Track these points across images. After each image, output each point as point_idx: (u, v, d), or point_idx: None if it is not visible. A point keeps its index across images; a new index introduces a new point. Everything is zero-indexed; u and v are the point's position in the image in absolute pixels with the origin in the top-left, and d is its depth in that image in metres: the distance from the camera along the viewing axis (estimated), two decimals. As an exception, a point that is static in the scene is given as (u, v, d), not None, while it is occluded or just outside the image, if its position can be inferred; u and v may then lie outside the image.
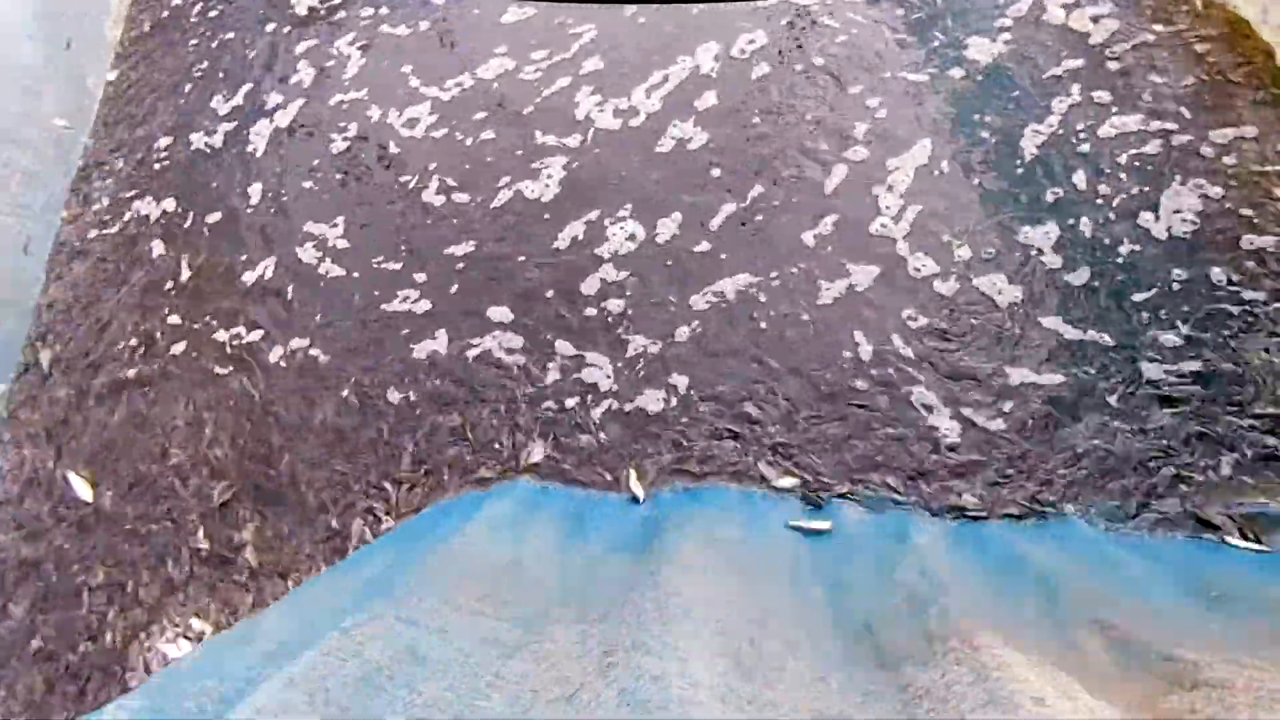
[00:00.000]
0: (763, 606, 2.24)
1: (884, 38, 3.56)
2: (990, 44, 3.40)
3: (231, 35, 4.52)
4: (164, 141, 4.24)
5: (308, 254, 3.65)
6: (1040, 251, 2.92)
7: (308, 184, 3.85)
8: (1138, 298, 2.79)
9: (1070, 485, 2.58)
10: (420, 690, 1.76)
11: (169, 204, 4.02)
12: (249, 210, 3.87)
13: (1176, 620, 2.06)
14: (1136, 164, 2.99)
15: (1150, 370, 2.66)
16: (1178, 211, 2.86)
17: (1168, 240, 2.84)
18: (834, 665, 1.87)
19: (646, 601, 2.05)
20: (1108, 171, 3.01)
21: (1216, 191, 2.90)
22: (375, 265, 3.51)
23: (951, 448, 2.69)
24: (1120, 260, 2.86)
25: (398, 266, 3.49)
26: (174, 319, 3.65)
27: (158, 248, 3.88)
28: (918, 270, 2.99)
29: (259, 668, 1.94)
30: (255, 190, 3.93)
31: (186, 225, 3.92)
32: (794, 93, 3.52)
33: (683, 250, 3.26)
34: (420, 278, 3.45)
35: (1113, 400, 2.66)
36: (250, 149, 4.08)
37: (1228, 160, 2.92)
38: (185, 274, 3.76)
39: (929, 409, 2.76)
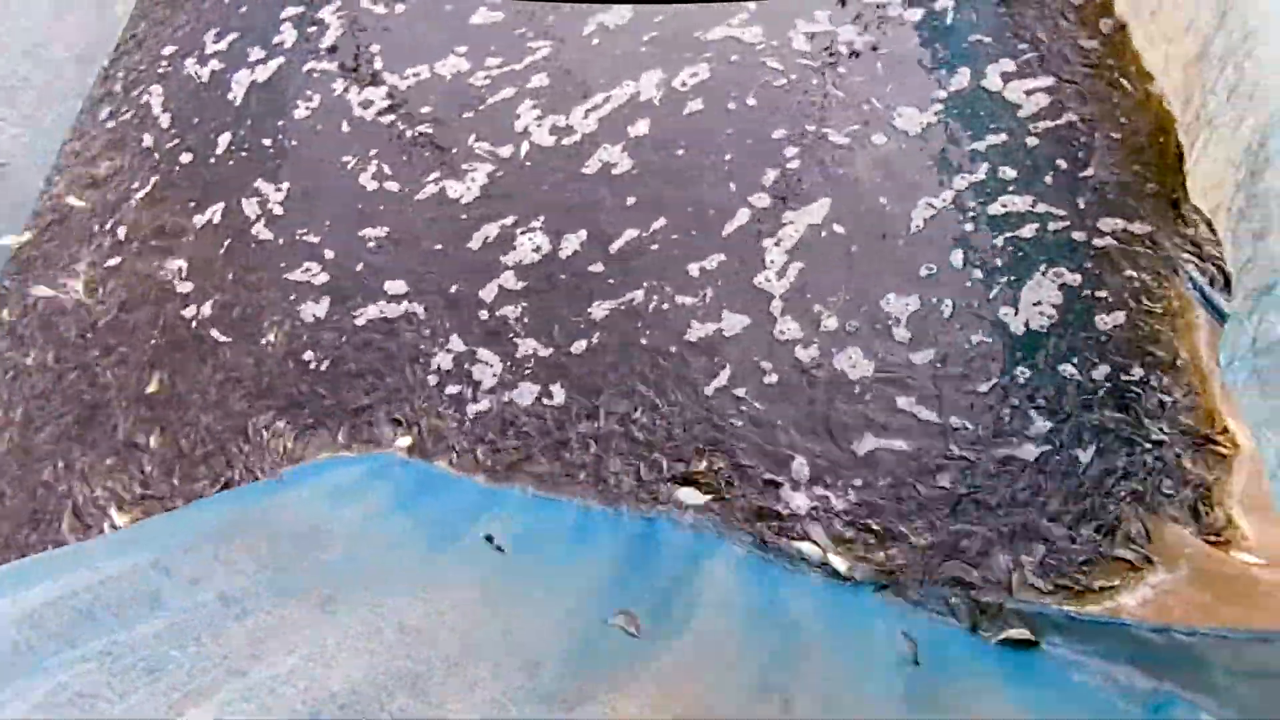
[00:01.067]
0: (534, 627, 2.29)
1: (821, 91, 3.51)
2: (919, 114, 3.34)
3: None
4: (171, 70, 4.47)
5: (251, 208, 3.78)
6: (896, 322, 2.89)
7: (266, 141, 3.96)
8: (982, 387, 2.74)
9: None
10: (134, 629, 1.86)
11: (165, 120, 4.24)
12: (214, 156, 4.05)
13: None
14: (1010, 248, 2.92)
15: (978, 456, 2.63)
16: (1037, 304, 2.80)
17: (1023, 333, 2.78)
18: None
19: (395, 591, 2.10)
20: (982, 254, 2.95)
21: (1075, 278, 2.84)
22: (296, 235, 3.61)
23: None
24: (968, 346, 2.81)
25: (315, 240, 3.59)
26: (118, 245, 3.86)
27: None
28: (782, 333, 2.97)
29: (33, 592, 2.06)
30: (224, 139, 4.05)
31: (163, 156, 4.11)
32: (719, 131, 3.51)
33: (581, 269, 3.29)
34: (329, 254, 3.54)
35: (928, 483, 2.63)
36: (230, 96, 4.23)
37: (1101, 251, 2.86)
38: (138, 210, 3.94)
39: (777, 462, 2.76)
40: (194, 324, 3.57)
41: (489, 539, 2.60)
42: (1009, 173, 3.12)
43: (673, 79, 3.70)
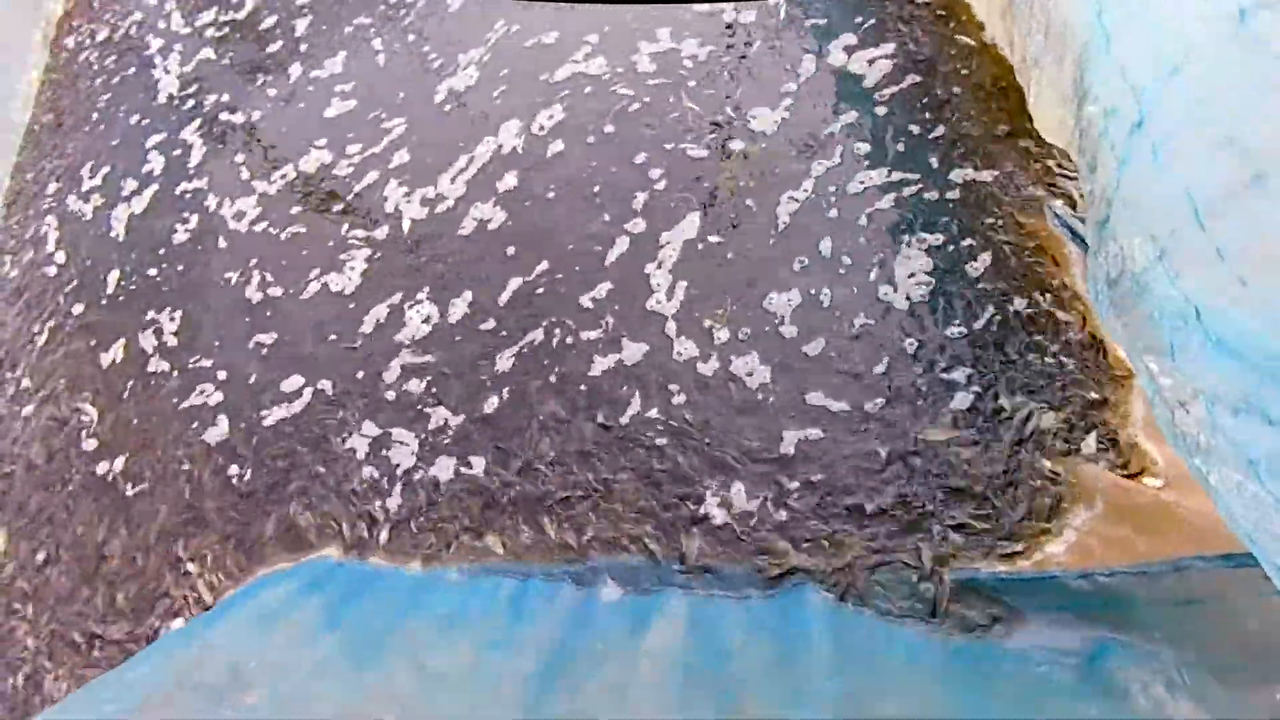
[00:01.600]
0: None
1: (675, 108, 3.48)
2: (771, 112, 3.31)
3: (109, 122, 4.63)
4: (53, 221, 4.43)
5: (148, 341, 3.70)
6: (781, 321, 2.84)
7: (152, 271, 3.89)
8: (878, 367, 2.70)
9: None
10: None
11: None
12: (105, 296, 4.00)
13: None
14: (874, 224, 2.89)
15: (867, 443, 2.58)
16: (911, 275, 2.77)
17: (905, 303, 2.74)
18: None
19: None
20: (849, 236, 2.91)
21: (938, 238, 2.80)
22: (191, 364, 3.54)
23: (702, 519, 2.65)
24: (854, 329, 2.78)
25: (208, 364, 3.52)
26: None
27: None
28: (680, 353, 2.92)
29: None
30: (113, 277, 3.98)
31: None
32: (584, 165, 3.47)
33: (473, 328, 3.23)
34: (222, 375, 3.47)
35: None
36: (113, 233, 4.17)
37: (959, 203, 2.82)
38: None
39: (688, 480, 2.71)
40: (108, 476, 3.47)
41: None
42: (863, 148, 3.10)
43: (530, 125, 3.65)
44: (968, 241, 2.76)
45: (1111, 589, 2.20)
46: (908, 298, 2.75)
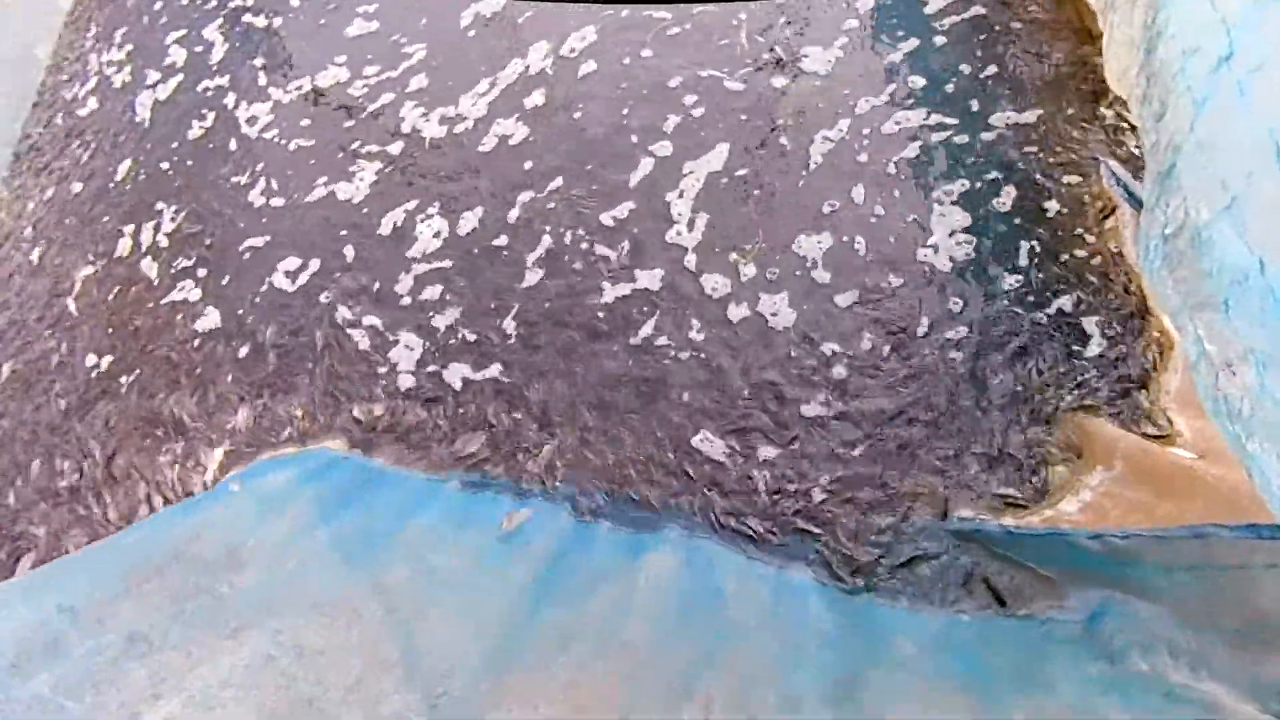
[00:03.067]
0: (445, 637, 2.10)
1: (721, 36, 3.22)
2: (823, 51, 3.06)
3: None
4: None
5: (145, 236, 3.51)
6: (814, 265, 2.65)
7: (165, 165, 3.68)
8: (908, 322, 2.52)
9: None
10: (30, 681, 1.73)
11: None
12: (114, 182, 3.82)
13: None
14: (916, 166, 2.68)
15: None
16: (951, 235, 2.56)
17: (948, 266, 2.54)
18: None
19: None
20: (886, 180, 2.70)
21: (990, 186, 2.60)
22: (176, 267, 3.34)
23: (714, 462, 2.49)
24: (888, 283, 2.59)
25: (188, 263, 3.33)
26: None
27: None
28: (710, 289, 2.73)
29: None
30: (124, 166, 3.80)
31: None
32: (615, 85, 3.23)
33: (483, 243, 3.04)
34: (201, 272, 3.31)
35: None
36: (138, 118, 3.97)
37: (1020, 153, 2.61)
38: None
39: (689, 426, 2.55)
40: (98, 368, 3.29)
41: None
42: (918, 82, 2.85)
43: (560, 48, 3.39)
44: (1022, 194, 2.56)
45: (1123, 550, 2.07)
46: (950, 258, 2.55)
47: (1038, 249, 2.45)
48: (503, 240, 3.06)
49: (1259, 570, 1.88)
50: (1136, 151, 2.42)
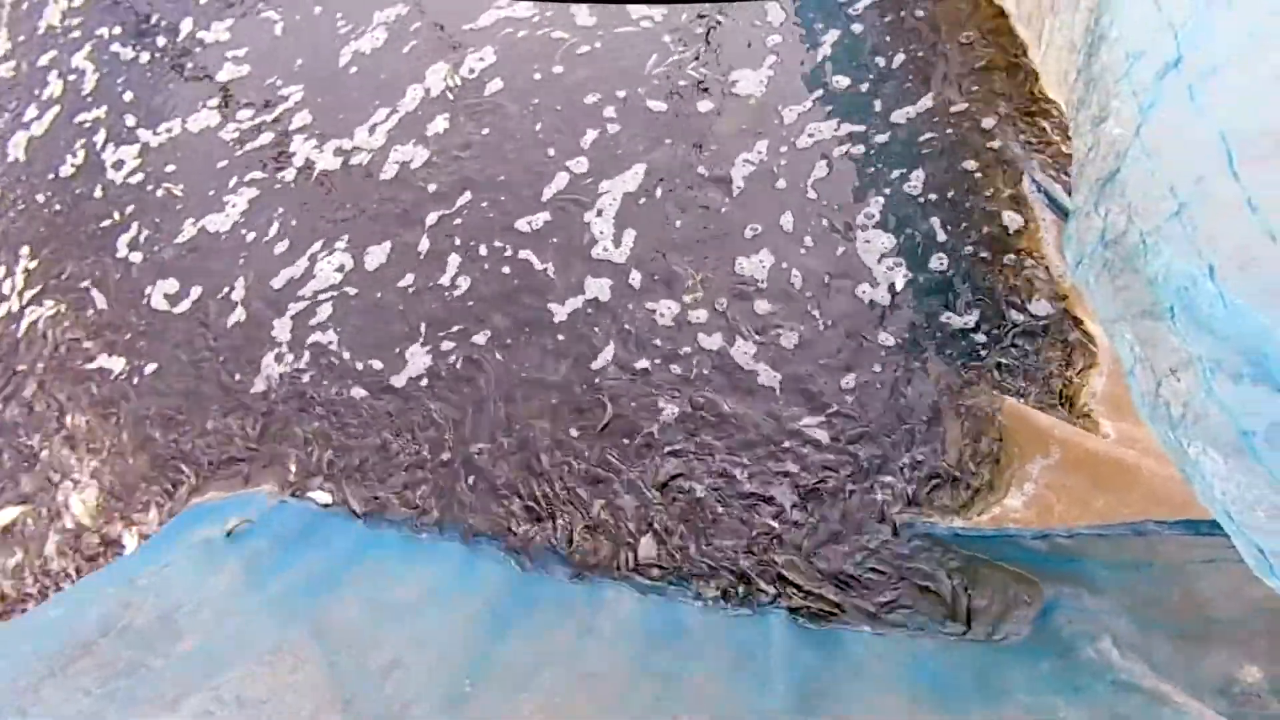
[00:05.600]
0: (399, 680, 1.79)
1: (645, 54, 2.88)
2: (753, 73, 2.76)
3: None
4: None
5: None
6: (754, 284, 2.38)
7: (39, 198, 3.08)
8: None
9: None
10: None
11: None
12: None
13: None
14: (829, 193, 2.43)
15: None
16: (884, 260, 2.33)
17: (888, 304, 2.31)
18: None
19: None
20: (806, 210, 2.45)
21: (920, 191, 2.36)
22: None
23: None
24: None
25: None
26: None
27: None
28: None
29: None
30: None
31: None
32: (526, 101, 2.86)
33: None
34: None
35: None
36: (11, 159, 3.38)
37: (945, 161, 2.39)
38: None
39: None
40: None
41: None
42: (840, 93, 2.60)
43: (459, 67, 3.00)
44: (943, 200, 2.36)
45: (1068, 548, 1.93)
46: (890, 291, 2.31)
47: (959, 258, 2.26)
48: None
49: (1198, 565, 1.77)
50: (1060, 158, 2.25)
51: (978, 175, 2.33)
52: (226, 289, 2.75)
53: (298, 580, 2.15)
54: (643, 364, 2.29)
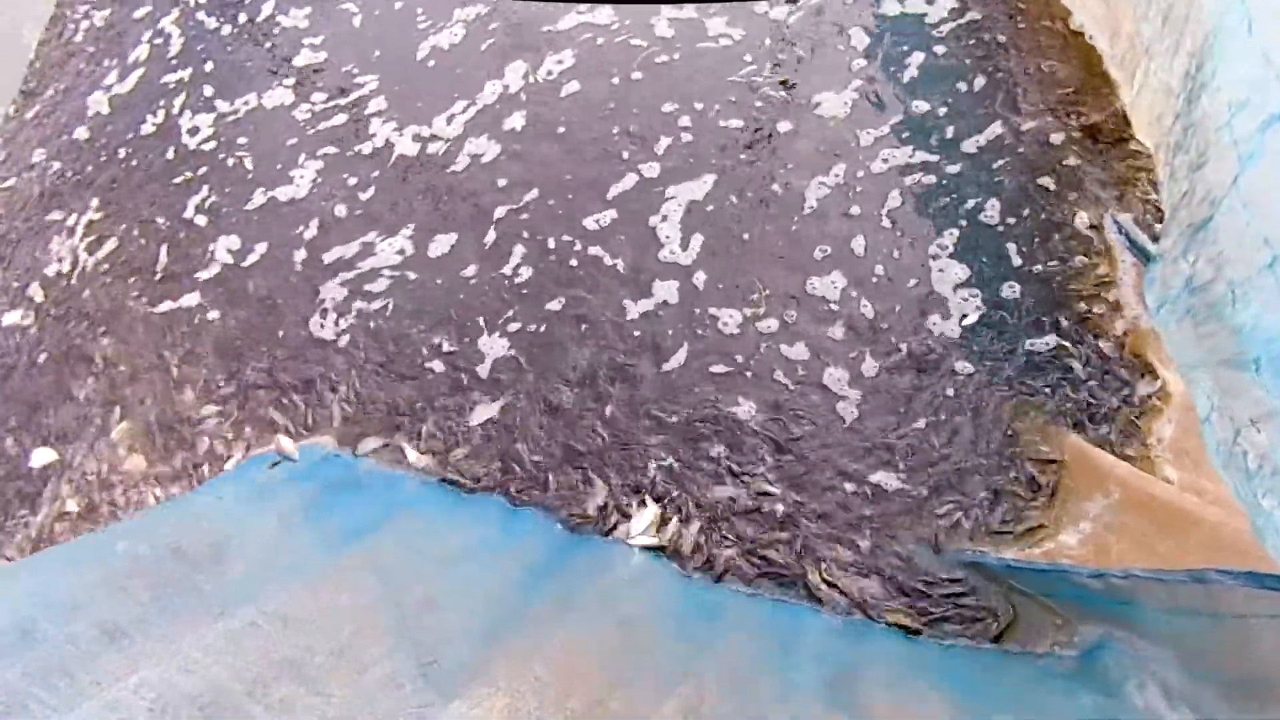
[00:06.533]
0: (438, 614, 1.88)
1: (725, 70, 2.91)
2: (836, 96, 2.77)
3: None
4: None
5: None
6: (831, 304, 2.39)
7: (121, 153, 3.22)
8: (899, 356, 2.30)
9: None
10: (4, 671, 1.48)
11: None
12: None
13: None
14: (906, 219, 2.44)
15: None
16: (958, 288, 2.33)
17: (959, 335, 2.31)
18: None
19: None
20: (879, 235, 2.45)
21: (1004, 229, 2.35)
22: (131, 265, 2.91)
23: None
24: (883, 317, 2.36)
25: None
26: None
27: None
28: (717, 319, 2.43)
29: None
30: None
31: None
32: (602, 105, 2.91)
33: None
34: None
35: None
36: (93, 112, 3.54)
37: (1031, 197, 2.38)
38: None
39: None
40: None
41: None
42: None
43: (538, 69, 3.05)
44: (1024, 240, 2.34)
45: (1123, 589, 1.91)
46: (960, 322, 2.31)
47: (1032, 293, 2.25)
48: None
49: (1260, 620, 1.74)
50: (1148, 199, 2.24)
51: (1057, 212, 2.32)
52: (290, 251, 2.83)
53: (345, 524, 2.21)
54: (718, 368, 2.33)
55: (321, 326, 2.68)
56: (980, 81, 2.59)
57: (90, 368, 2.79)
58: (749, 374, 2.30)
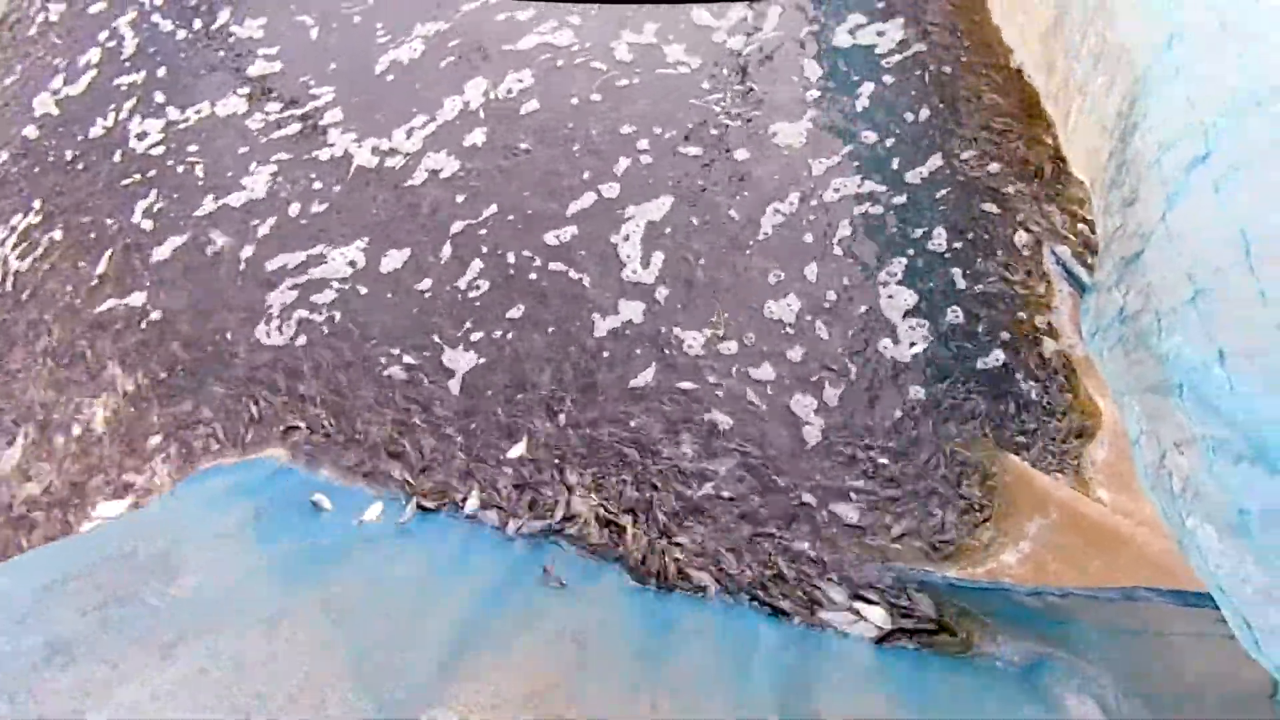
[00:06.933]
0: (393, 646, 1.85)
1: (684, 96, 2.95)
2: (791, 126, 2.82)
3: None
4: None
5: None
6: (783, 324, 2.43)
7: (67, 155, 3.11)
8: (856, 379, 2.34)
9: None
10: None
11: None
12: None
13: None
14: (852, 253, 2.50)
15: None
16: (907, 315, 2.39)
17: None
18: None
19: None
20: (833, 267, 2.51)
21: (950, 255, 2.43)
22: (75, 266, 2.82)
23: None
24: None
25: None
26: None
27: None
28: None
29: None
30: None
31: None
32: (561, 124, 2.92)
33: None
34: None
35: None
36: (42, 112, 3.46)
37: (971, 232, 2.46)
38: None
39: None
40: None
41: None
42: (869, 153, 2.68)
43: (497, 87, 3.06)
44: (964, 272, 2.42)
45: (1061, 608, 1.97)
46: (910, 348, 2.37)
47: (973, 320, 2.33)
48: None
49: (1187, 639, 1.82)
50: (1081, 232, 2.34)
51: (997, 243, 2.41)
52: (236, 251, 2.78)
53: (299, 549, 2.16)
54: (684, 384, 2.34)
55: (268, 335, 2.60)
56: (925, 113, 2.69)
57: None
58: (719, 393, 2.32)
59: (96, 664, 1.61)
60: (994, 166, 2.53)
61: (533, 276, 2.58)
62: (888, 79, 2.77)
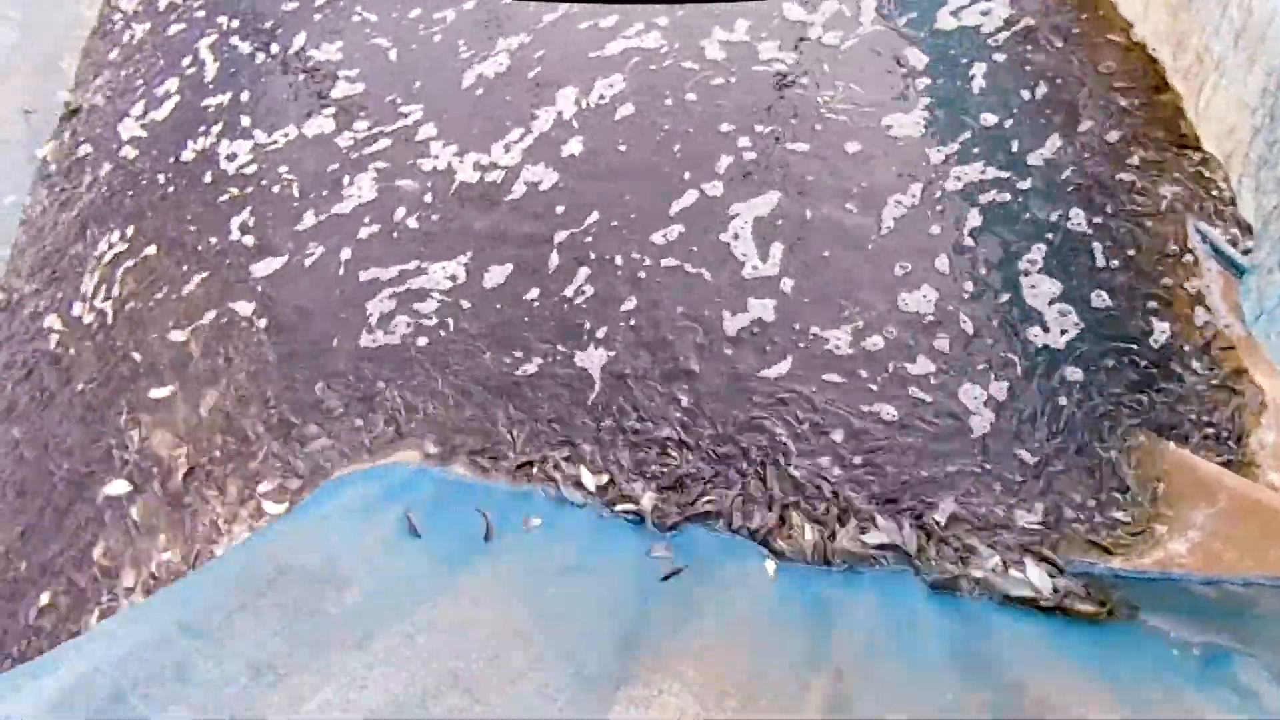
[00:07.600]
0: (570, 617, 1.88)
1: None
2: (905, 116, 2.76)
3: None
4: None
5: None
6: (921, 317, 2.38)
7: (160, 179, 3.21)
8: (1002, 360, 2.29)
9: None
10: (165, 713, 1.44)
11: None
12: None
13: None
14: (984, 243, 2.44)
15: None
16: (1053, 303, 2.32)
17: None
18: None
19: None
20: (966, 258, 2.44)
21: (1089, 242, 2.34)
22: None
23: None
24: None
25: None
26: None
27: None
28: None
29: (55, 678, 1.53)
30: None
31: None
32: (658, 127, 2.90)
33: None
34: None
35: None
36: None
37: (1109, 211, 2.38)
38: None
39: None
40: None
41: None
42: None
43: (588, 94, 3.04)
44: (1110, 252, 2.34)
45: (1239, 598, 1.90)
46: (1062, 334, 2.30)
47: (1123, 304, 2.26)
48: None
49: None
50: (1221, 206, 2.26)
51: (1137, 223, 2.34)
52: (340, 262, 2.80)
53: (455, 544, 2.18)
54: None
55: (375, 340, 2.63)
56: (1042, 90, 2.62)
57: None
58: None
59: (302, 673, 1.64)
60: (1121, 145, 2.45)
61: (642, 275, 2.56)
62: (999, 57, 2.70)
